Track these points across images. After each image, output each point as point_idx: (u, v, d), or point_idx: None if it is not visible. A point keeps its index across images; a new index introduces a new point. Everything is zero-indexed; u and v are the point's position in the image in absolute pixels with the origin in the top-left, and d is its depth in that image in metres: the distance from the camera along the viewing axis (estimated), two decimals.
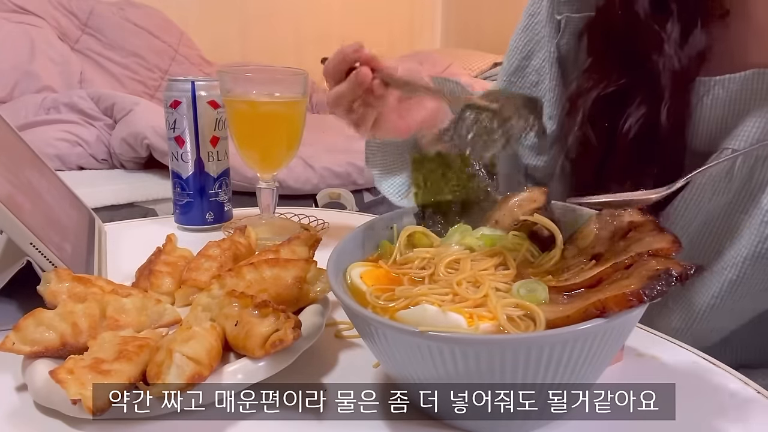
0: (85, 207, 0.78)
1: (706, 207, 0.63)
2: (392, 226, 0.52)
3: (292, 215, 0.89)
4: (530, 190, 0.51)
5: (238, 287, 0.49)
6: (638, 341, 0.52)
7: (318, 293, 0.51)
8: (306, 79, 0.77)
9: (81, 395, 0.37)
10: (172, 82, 0.79)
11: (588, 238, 0.46)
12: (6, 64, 2.27)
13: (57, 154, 1.89)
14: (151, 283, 0.56)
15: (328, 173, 2.06)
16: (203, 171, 0.81)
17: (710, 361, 0.50)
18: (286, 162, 0.81)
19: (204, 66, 2.89)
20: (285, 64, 0.84)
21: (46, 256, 0.54)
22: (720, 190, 0.62)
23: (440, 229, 0.52)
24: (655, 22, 0.65)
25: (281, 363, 0.44)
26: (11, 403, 0.43)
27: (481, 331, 0.37)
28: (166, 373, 0.39)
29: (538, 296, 0.40)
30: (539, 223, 0.49)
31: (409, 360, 0.37)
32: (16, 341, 0.43)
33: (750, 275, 0.61)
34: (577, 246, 0.47)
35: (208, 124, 0.80)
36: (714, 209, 0.63)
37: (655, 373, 0.48)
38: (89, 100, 2.11)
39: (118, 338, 0.44)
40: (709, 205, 0.63)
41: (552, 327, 0.36)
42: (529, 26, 0.80)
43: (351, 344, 0.52)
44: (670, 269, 0.35)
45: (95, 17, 2.64)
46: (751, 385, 0.46)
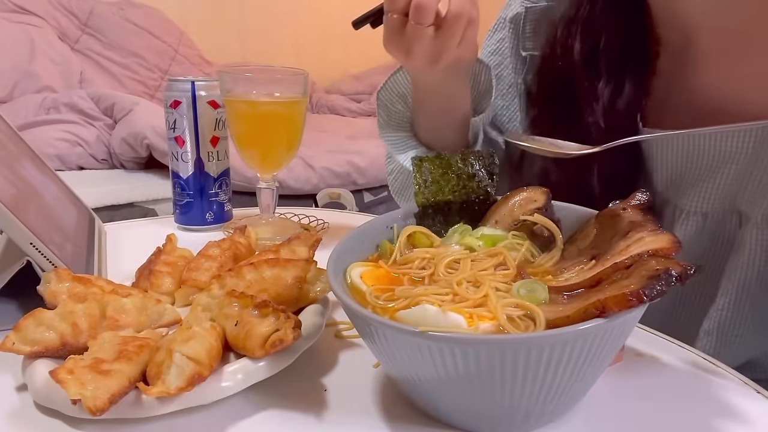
0: (85, 207, 0.78)
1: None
2: (392, 226, 0.52)
3: (292, 215, 0.89)
4: (530, 190, 0.51)
5: (238, 287, 0.49)
6: (638, 341, 0.52)
7: (318, 293, 0.51)
8: (306, 79, 0.77)
9: (81, 395, 0.37)
10: (172, 82, 0.79)
11: (588, 238, 0.46)
12: (6, 64, 2.27)
13: (57, 154, 1.89)
14: (151, 283, 0.56)
15: (328, 173, 2.06)
16: (203, 171, 0.81)
17: (710, 361, 0.50)
18: (286, 162, 0.81)
19: (204, 66, 2.89)
20: (285, 64, 0.84)
21: (46, 256, 0.54)
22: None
23: (440, 229, 0.52)
24: (587, 78, 0.66)
25: (281, 363, 0.44)
26: (11, 403, 0.43)
27: (481, 331, 0.37)
28: (166, 373, 0.39)
29: (538, 296, 0.40)
30: (539, 223, 0.49)
31: (409, 360, 0.37)
32: (16, 341, 0.43)
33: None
34: (577, 246, 0.47)
35: (208, 124, 0.80)
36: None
37: (655, 373, 0.48)
38: (89, 100, 2.11)
39: (118, 338, 0.44)
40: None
41: (552, 327, 0.36)
42: (497, 50, 0.80)
43: (351, 344, 0.52)
44: (670, 269, 0.35)
45: (95, 17, 2.65)
46: (751, 385, 0.46)
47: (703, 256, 0.65)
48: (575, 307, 0.36)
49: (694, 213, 0.64)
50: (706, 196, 0.63)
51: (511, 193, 0.52)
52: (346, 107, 3.04)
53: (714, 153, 0.61)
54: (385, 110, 0.78)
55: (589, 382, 0.41)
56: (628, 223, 0.43)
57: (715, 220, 0.63)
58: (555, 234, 0.48)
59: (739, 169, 0.61)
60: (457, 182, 0.53)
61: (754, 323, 0.62)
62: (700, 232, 0.64)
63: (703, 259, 0.65)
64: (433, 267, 0.45)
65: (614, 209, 0.45)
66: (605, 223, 0.45)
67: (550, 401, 0.38)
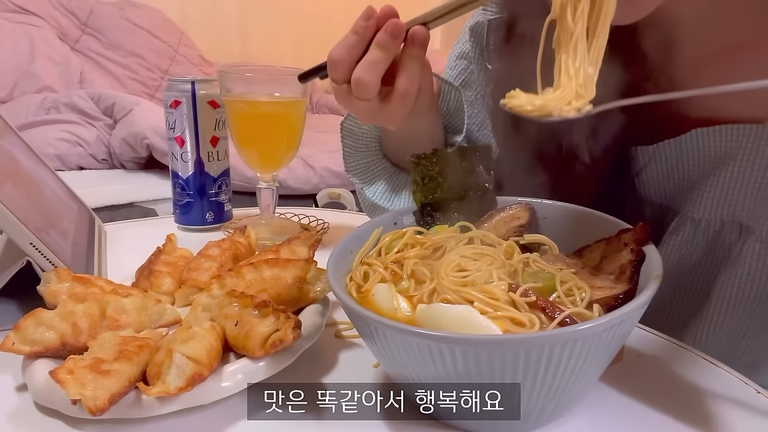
0: (85, 207, 0.78)
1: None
2: (395, 222, 0.52)
3: (292, 215, 0.89)
4: (513, 208, 0.51)
5: (238, 287, 0.49)
6: (638, 341, 0.52)
7: (318, 293, 0.51)
8: None
9: (81, 395, 0.37)
10: (172, 82, 0.79)
11: (594, 261, 0.46)
12: (6, 64, 2.27)
13: (57, 154, 1.89)
14: (151, 283, 0.56)
15: (328, 173, 2.06)
16: (203, 171, 0.81)
17: (710, 361, 0.50)
18: (286, 162, 0.81)
19: (204, 66, 2.89)
20: (285, 64, 0.84)
21: (46, 256, 0.54)
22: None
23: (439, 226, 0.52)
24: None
25: (281, 363, 0.44)
26: (11, 403, 0.43)
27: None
28: (166, 373, 0.39)
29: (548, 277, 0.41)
30: (531, 241, 0.49)
31: (409, 360, 0.37)
32: (16, 341, 0.43)
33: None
34: (582, 261, 0.47)
35: (208, 124, 0.80)
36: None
37: (655, 373, 0.48)
38: (89, 100, 2.11)
39: (118, 338, 0.44)
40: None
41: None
42: (463, 54, 0.75)
43: (351, 344, 0.52)
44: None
45: (95, 17, 2.64)
46: (751, 385, 0.46)
47: (696, 267, 0.62)
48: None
49: (691, 220, 0.61)
50: (699, 201, 0.60)
51: (495, 211, 0.52)
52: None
53: (706, 153, 0.58)
54: (351, 135, 0.74)
55: (589, 382, 0.41)
56: (618, 267, 0.43)
57: (712, 229, 0.60)
58: (551, 247, 0.48)
59: (734, 174, 0.57)
60: (454, 179, 0.53)
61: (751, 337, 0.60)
62: (692, 240, 0.61)
63: (697, 270, 0.62)
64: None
65: (621, 240, 0.45)
66: (609, 256, 0.45)
67: (550, 401, 0.38)
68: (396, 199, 0.73)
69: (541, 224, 0.51)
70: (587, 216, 0.49)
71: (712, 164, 0.59)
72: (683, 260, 0.62)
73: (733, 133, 0.56)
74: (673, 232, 0.62)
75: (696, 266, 0.62)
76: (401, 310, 0.41)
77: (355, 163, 0.75)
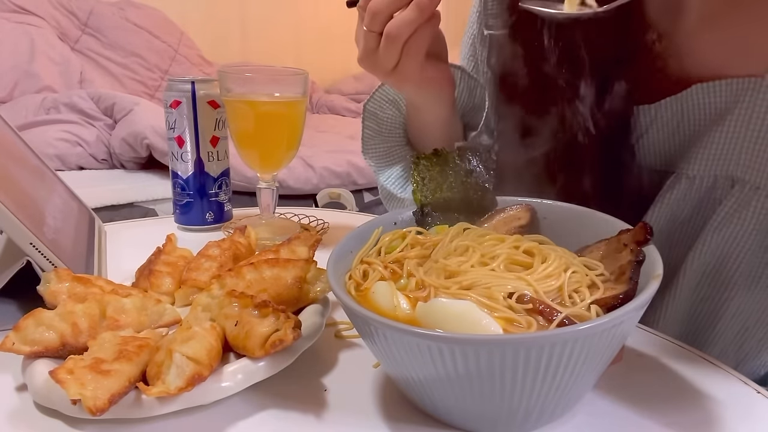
0: (85, 207, 0.78)
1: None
2: (395, 222, 0.52)
3: (292, 215, 0.89)
4: (513, 208, 0.51)
5: (238, 287, 0.49)
6: (638, 341, 0.52)
7: (318, 293, 0.51)
8: (306, 79, 0.77)
9: (81, 395, 0.37)
10: (172, 82, 0.79)
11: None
12: (6, 64, 2.27)
13: (57, 154, 1.89)
14: (151, 283, 0.56)
15: (328, 173, 2.06)
16: (203, 171, 0.81)
17: (710, 361, 0.50)
18: (286, 162, 0.81)
19: (204, 66, 2.89)
20: (285, 64, 0.84)
21: (46, 256, 0.54)
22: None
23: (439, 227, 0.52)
24: (566, 81, 0.62)
25: (281, 363, 0.44)
26: (11, 403, 0.43)
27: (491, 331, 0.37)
28: (166, 373, 0.39)
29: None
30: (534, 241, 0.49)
31: (409, 360, 0.37)
32: (16, 341, 0.43)
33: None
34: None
35: (208, 124, 0.80)
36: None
37: (655, 373, 0.48)
38: (89, 100, 2.11)
39: (118, 338, 0.44)
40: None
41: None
42: (471, 36, 0.76)
43: (351, 344, 0.52)
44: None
45: (95, 17, 2.65)
46: (751, 385, 0.46)
47: (686, 222, 0.62)
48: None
49: (686, 177, 0.61)
50: (696, 159, 0.60)
51: (495, 211, 0.52)
52: (346, 107, 3.04)
53: (706, 109, 0.58)
54: (374, 119, 0.75)
55: (589, 382, 0.41)
56: (618, 267, 0.43)
57: (705, 186, 0.60)
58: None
59: (730, 129, 0.57)
60: (455, 179, 0.53)
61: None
62: (684, 197, 0.61)
63: (685, 226, 0.62)
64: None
65: (620, 241, 0.45)
66: (609, 257, 0.45)
67: (550, 401, 0.38)
68: (410, 186, 0.74)
69: (541, 224, 0.51)
70: (587, 216, 0.49)
71: (711, 120, 0.59)
72: (673, 216, 0.62)
73: (732, 86, 0.56)
74: (667, 190, 0.62)
75: (685, 222, 0.62)
76: (401, 307, 0.41)
77: (375, 147, 0.76)
